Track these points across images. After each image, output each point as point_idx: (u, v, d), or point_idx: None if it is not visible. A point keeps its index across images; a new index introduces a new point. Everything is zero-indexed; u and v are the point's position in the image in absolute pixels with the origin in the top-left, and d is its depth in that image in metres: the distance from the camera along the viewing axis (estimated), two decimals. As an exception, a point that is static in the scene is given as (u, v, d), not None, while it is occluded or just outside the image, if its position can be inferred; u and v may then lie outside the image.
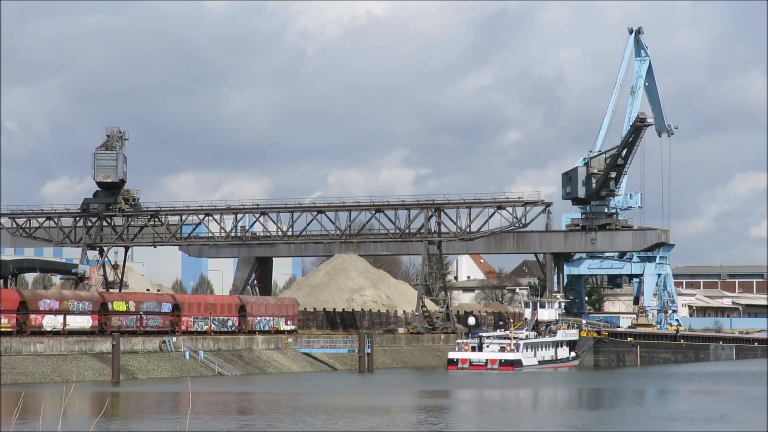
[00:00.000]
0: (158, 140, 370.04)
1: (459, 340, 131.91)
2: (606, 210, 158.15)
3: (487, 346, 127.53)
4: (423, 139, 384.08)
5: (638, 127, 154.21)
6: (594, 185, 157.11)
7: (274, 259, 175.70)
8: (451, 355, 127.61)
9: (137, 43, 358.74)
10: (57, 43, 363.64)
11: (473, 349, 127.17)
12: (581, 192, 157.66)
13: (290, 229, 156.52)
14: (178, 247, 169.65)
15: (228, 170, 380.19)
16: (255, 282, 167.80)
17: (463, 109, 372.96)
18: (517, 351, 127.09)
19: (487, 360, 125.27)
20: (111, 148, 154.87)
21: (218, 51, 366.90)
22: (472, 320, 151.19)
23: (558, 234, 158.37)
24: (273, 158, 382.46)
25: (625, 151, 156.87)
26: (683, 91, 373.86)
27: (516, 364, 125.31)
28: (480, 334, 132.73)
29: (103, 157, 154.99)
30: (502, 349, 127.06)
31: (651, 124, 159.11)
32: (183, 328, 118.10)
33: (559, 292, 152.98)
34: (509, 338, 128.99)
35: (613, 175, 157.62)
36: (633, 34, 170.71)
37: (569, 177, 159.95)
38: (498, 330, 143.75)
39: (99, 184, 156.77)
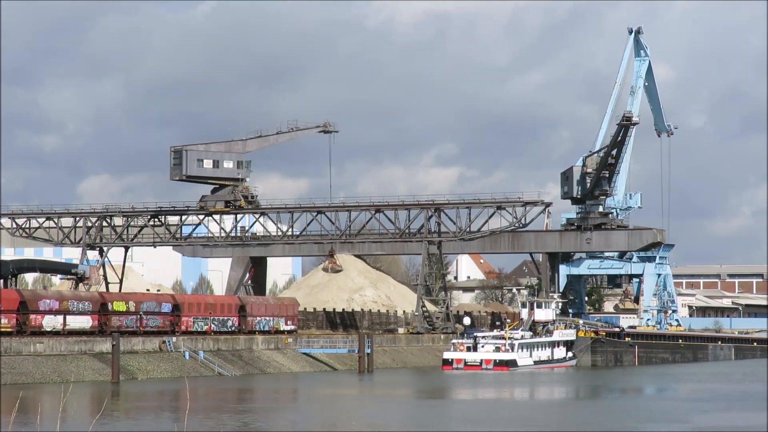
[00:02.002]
0: (209, 137, 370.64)
1: (454, 340, 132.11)
2: (601, 209, 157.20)
3: (482, 347, 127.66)
4: (471, 136, 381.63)
5: (625, 125, 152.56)
6: (588, 184, 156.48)
7: (274, 259, 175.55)
8: (446, 355, 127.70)
9: (207, 39, 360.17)
10: (125, 39, 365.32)
11: (468, 349, 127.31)
12: (576, 191, 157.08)
13: (290, 229, 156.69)
14: (171, 247, 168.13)
15: (270, 168, 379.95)
16: (249, 282, 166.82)
17: (518, 107, 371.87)
18: (512, 351, 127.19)
19: (481, 360, 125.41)
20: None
21: (286, 47, 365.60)
22: (467, 320, 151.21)
23: (553, 234, 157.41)
24: (318, 155, 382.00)
25: (615, 150, 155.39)
26: (734, 90, 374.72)
27: (511, 364, 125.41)
28: (475, 334, 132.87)
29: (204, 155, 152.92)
30: (497, 350, 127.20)
31: (637, 123, 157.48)
32: (183, 328, 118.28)
33: (554, 291, 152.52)
34: (504, 338, 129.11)
35: (606, 174, 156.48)
36: (633, 34, 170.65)
37: (566, 176, 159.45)
38: (494, 330, 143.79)
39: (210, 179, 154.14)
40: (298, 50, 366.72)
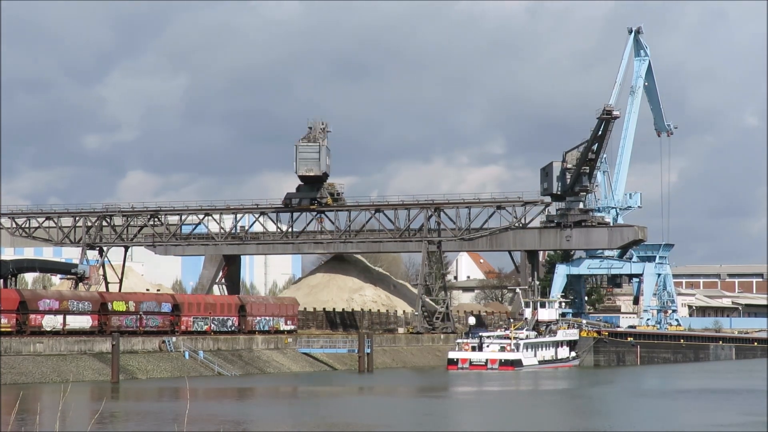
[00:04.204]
0: (263, 137, 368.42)
1: (459, 340, 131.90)
2: (582, 206, 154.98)
3: (488, 346, 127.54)
4: (522, 134, 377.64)
5: (606, 119, 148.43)
6: (568, 181, 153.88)
7: (274, 259, 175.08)
8: (452, 354, 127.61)
9: (288, 37, 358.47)
10: (197, 37, 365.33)
11: (473, 348, 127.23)
12: (556, 188, 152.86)
13: (290, 228, 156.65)
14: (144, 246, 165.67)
15: None
16: (222, 281, 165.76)
17: (572, 104, 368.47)
18: (517, 351, 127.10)
19: (487, 360, 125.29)
20: (313, 141, 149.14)
21: (366, 46, 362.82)
22: (472, 320, 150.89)
23: (532, 231, 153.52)
24: (368, 155, 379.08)
25: (596, 145, 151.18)
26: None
27: (516, 364, 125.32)
28: (480, 333, 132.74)
29: (305, 149, 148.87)
30: (503, 349, 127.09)
31: (618, 117, 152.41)
32: (183, 328, 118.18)
33: (533, 289, 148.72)
34: (509, 338, 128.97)
35: (587, 170, 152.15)
36: (632, 34, 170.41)
37: (546, 173, 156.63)
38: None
39: (301, 177, 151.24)
40: (374, 48, 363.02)
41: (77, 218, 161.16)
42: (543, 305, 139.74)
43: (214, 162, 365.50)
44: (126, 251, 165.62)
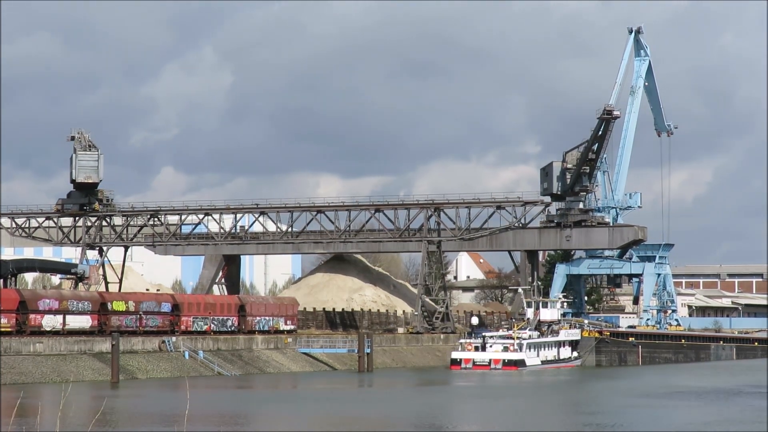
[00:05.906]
0: (305, 135, 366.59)
1: (462, 340, 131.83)
2: (582, 206, 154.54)
3: (491, 346, 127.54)
4: (560, 134, 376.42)
5: (606, 119, 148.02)
6: (569, 181, 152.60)
7: (274, 259, 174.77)
8: (455, 354, 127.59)
9: (345, 33, 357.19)
10: (257, 32, 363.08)
11: (477, 348, 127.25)
12: (556, 188, 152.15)
13: (290, 228, 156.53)
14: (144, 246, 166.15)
15: (345, 170, 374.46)
16: (222, 281, 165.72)
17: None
18: (521, 351, 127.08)
19: (490, 360, 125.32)
20: (88, 149, 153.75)
21: (426, 43, 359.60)
22: (475, 320, 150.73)
23: (532, 231, 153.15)
24: (403, 153, 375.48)
25: (596, 145, 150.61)
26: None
27: (519, 363, 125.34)
28: (483, 334, 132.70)
29: (84, 157, 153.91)
30: (506, 349, 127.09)
31: (618, 117, 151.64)
32: (182, 327, 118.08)
33: (533, 288, 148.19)
34: (513, 338, 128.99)
35: (587, 170, 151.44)
36: (633, 34, 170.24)
37: (546, 172, 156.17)
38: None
39: (79, 184, 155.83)
40: (428, 51, 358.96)
41: (77, 218, 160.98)
42: (545, 305, 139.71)
43: (254, 161, 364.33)
44: (126, 251, 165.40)
